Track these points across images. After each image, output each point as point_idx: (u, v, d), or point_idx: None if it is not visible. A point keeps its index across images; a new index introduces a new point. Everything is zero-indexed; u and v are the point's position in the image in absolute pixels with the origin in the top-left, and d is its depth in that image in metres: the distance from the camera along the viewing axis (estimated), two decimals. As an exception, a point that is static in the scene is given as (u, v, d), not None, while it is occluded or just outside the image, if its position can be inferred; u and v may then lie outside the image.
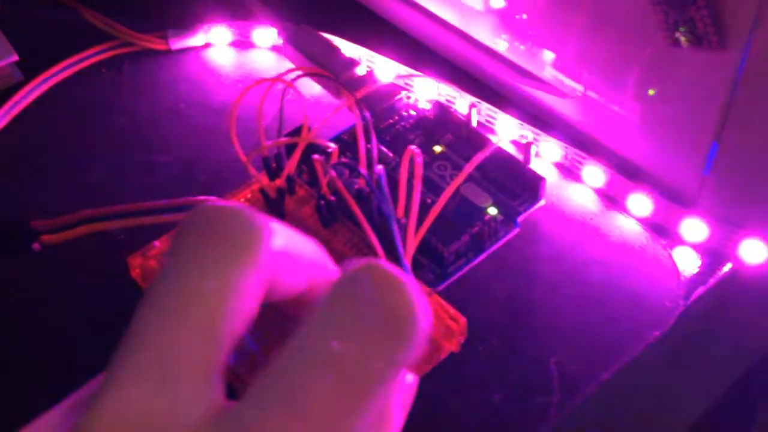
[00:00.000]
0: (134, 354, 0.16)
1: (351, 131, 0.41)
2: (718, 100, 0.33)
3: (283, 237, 0.18)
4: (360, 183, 0.35)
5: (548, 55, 0.40)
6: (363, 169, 0.34)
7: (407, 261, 0.32)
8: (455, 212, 0.37)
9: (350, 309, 0.17)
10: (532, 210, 0.38)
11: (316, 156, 0.34)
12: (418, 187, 0.32)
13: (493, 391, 0.33)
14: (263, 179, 0.37)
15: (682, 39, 0.31)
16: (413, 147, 0.32)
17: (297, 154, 0.36)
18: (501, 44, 0.43)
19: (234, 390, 0.28)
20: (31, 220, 0.36)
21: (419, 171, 0.32)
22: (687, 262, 0.37)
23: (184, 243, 0.17)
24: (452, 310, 0.32)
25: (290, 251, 0.19)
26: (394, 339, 0.16)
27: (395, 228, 0.31)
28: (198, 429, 0.15)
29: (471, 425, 0.32)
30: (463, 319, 0.32)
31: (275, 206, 0.36)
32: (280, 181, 0.36)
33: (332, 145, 0.35)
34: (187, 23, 0.48)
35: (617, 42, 0.36)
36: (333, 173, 0.33)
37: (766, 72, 0.31)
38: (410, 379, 0.20)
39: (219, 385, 0.16)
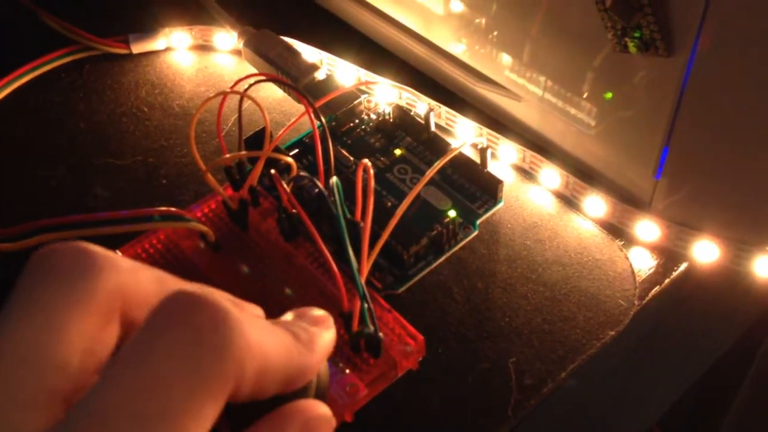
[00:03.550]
0: None
1: (312, 134, 0.41)
2: (667, 105, 0.34)
3: (126, 272, 0.19)
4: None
5: (506, 59, 0.41)
6: (320, 183, 0.34)
7: (362, 273, 0.31)
8: (415, 215, 0.37)
9: (158, 334, 0.17)
10: (490, 212, 0.39)
11: (273, 171, 0.34)
12: (371, 197, 0.33)
13: (452, 392, 0.33)
14: (227, 191, 0.36)
15: (630, 45, 0.32)
16: (365, 161, 0.33)
17: (259, 167, 0.35)
18: (460, 48, 0.43)
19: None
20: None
21: (372, 183, 0.33)
22: (642, 263, 0.38)
23: (21, 283, 0.19)
24: (410, 328, 0.32)
25: (139, 286, 0.19)
26: (202, 354, 0.17)
27: (347, 239, 0.31)
28: None
29: (429, 427, 0.33)
30: (420, 337, 0.32)
31: (238, 218, 0.36)
32: (243, 192, 0.36)
33: (290, 159, 0.35)
34: (148, 27, 0.48)
35: (571, 47, 0.37)
36: (293, 185, 0.33)
37: (712, 77, 0.32)
38: (324, 410, 0.20)
39: (48, 413, 0.17)
